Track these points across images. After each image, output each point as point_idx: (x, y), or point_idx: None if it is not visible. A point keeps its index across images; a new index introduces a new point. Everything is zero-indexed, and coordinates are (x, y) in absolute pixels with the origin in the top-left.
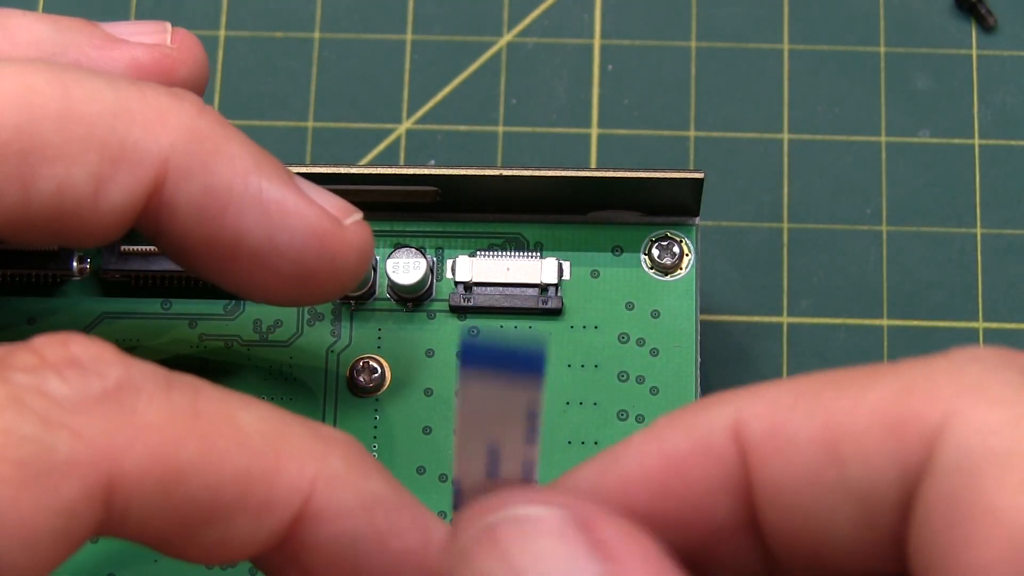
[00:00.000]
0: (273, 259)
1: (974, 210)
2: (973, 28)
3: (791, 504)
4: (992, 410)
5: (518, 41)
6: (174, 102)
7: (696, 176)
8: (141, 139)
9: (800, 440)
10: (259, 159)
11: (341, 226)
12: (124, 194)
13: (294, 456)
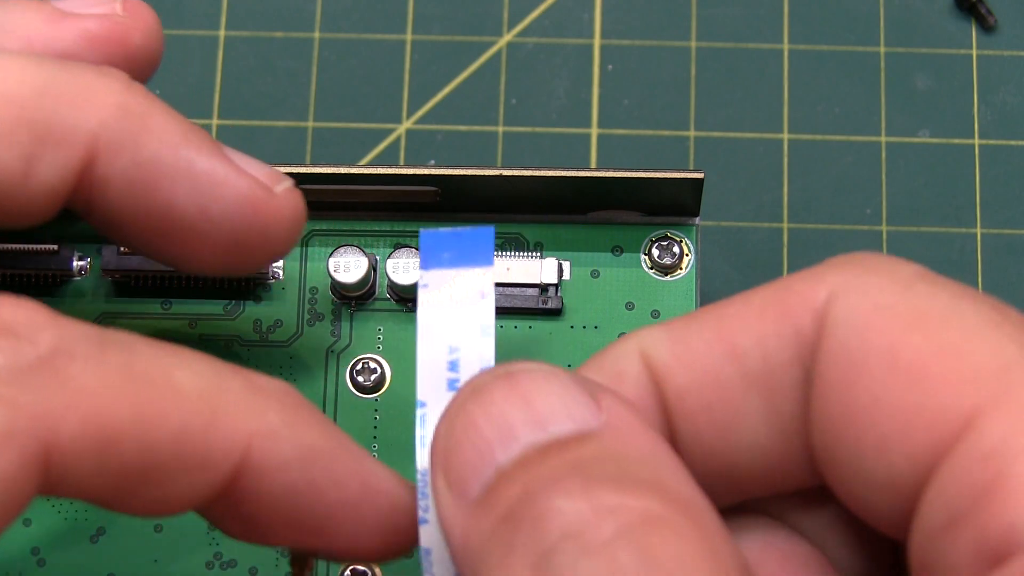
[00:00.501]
0: (206, 229)
1: (974, 210)
2: (973, 28)
3: (700, 409)
4: (874, 277)
5: (518, 41)
6: (101, 79)
7: (696, 176)
8: (69, 117)
9: (698, 346)
10: (187, 131)
11: (272, 194)
12: (54, 172)
13: (230, 412)
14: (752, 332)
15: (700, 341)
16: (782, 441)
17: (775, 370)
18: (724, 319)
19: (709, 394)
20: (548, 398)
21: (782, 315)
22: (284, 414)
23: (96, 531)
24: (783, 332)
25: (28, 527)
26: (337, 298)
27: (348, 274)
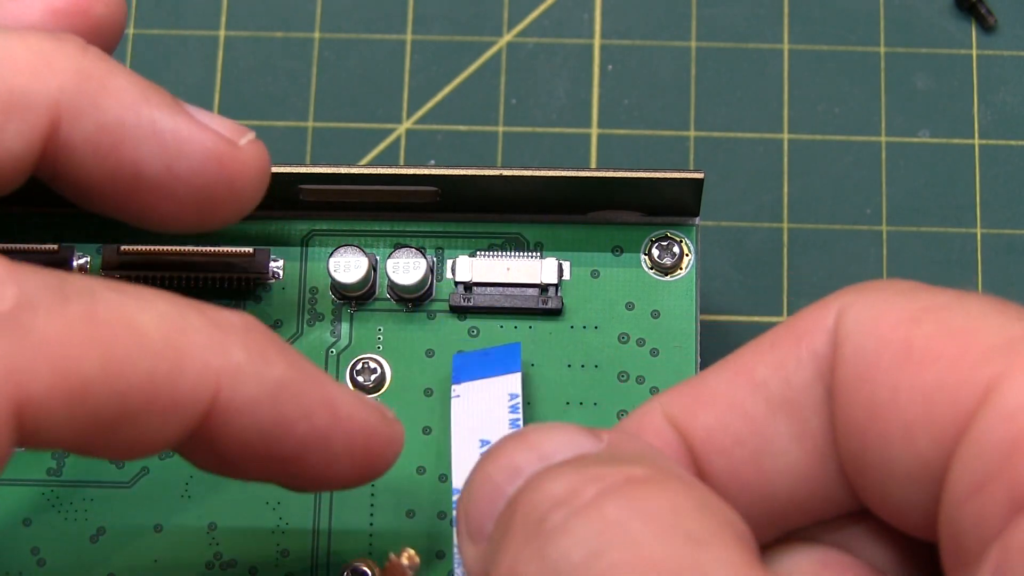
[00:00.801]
0: (173, 187)
1: (974, 210)
2: (973, 28)
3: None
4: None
5: (518, 41)
6: (56, 44)
7: (696, 176)
8: (28, 85)
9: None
10: (147, 91)
11: (237, 147)
12: (19, 141)
13: (195, 354)
14: (769, 362)
15: (719, 382)
16: (815, 462)
17: (798, 392)
18: (739, 359)
19: (737, 427)
20: (552, 440)
21: (796, 341)
22: (249, 350)
23: (96, 531)
24: (800, 355)
25: (28, 527)
26: (337, 298)
27: (348, 274)
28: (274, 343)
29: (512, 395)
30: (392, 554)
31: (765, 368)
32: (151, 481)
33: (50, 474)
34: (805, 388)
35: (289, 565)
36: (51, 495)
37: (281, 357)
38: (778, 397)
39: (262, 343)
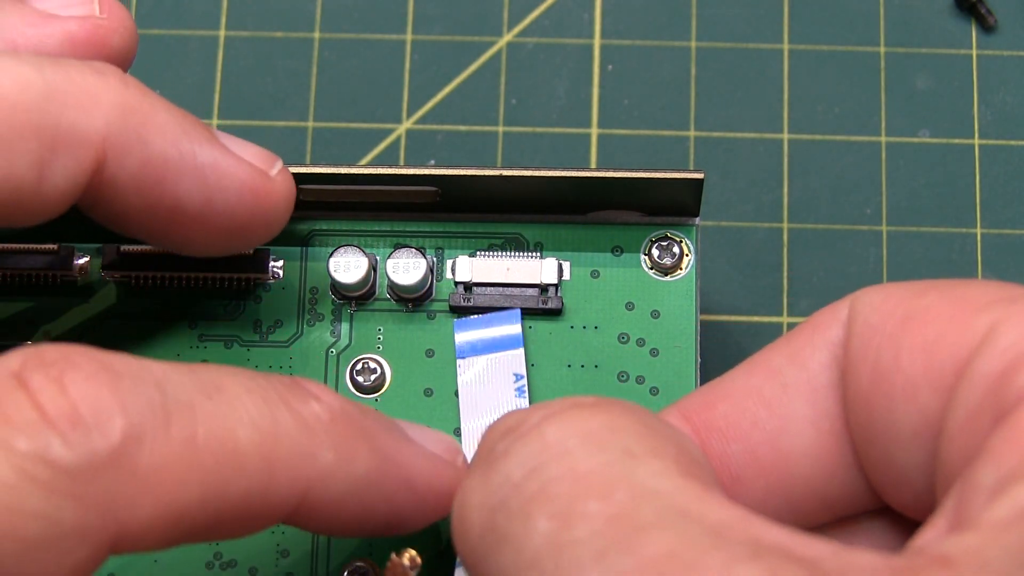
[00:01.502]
0: (210, 218)
1: (974, 210)
2: (973, 28)
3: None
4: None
5: (518, 41)
6: (100, 79)
7: (696, 176)
8: (77, 121)
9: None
10: (186, 124)
11: (269, 179)
12: (66, 177)
13: (288, 463)
14: (785, 352)
15: (736, 377)
16: (831, 444)
17: (813, 375)
18: (754, 357)
19: (754, 410)
20: None
21: (812, 332)
22: (336, 449)
23: None
24: (815, 342)
25: None
26: (337, 298)
27: (348, 274)
28: (361, 434)
29: (517, 375)
30: (393, 554)
31: (781, 358)
32: None
33: None
34: (820, 371)
35: (289, 565)
36: None
37: (366, 448)
38: (794, 380)
39: (348, 437)
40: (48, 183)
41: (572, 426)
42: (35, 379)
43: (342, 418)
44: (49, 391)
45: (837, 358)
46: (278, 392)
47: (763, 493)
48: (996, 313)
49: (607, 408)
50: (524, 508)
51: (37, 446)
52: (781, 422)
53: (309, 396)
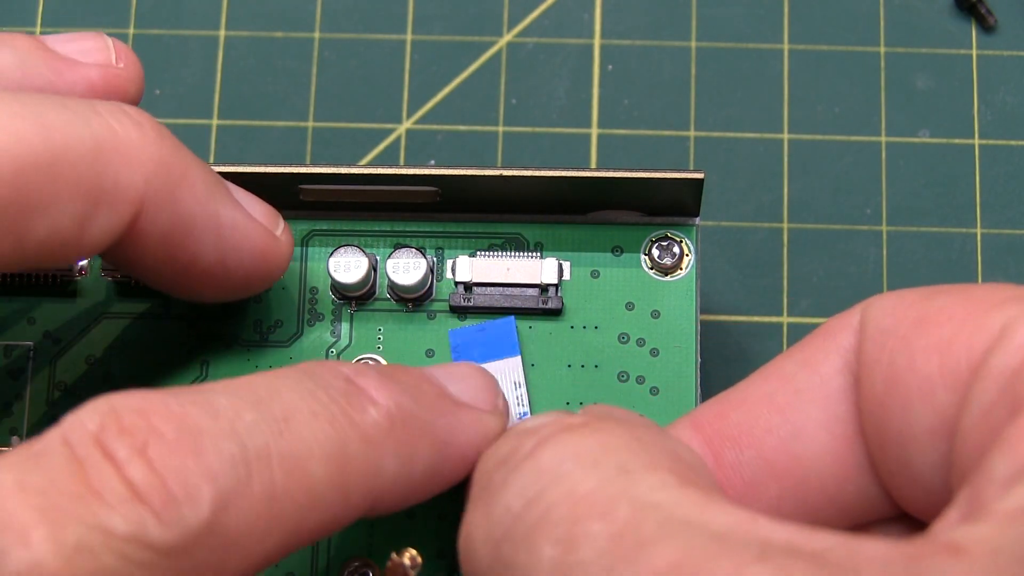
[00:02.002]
0: (221, 274)
1: (974, 210)
2: (973, 28)
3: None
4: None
5: (518, 41)
6: (140, 132)
7: (696, 176)
8: (119, 178)
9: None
10: (211, 181)
11: (276, 239)
12: (104, 231)
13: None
14: (798, 359)
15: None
16: (843, 449)
17: (826, 379)
18: (767, 365)
19: (767, 417)
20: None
21: (824, 338)
22: (398, 455)
23: None
24: (827, 348)
25: None
26: (337, 298)
27: (348, 274)
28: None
29: (517, 383)
30: (394, 553)
31: (793, 364)
32: None
33: None
34: (833, 376)
35: (289, 565)
36: None
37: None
38: (807, 386)
39: (408, 439)
40: (88, 236)
41: (565, 449)
42: (119, 449)
43: (400, 420)
44: (136, 465)
45: (849, 363)
46: (340, 408)
47: (777, 499)
48: (1009, 311)
49: (598, 426)
50: (528, 536)
51: (134, 528)
52: (794, 427)
53: (367, 402)
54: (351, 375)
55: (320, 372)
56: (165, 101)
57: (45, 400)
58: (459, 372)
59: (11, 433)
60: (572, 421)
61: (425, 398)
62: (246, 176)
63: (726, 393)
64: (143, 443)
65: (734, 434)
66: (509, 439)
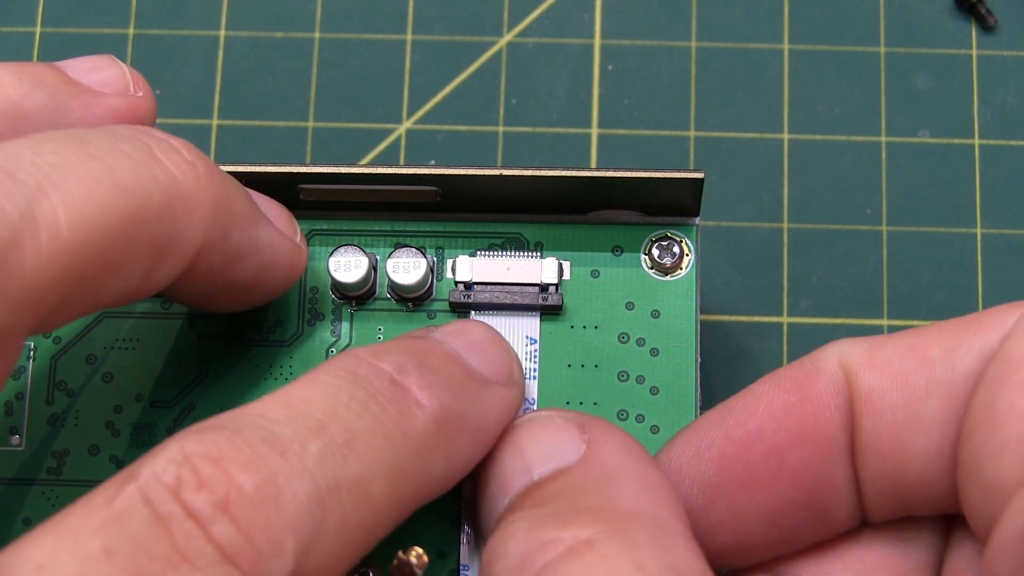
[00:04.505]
0: (255, 290)
1: (974, 210)
2: (973, 28)
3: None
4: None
5: (518, 41)
6: (195, 174)
7: (696, 176)
8: (183, 227)
9: (892, 354)
10: (251, 207)
11: (300, 249)
12: (167, 278)
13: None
14: (944, 344)
15: (894, 350)
16: (950, 452)
17: (958, 379)
18: (919, 334)
19: (894, 396)
20: (537, 444)
21: (974, 332)
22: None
23: None
24: (971, 346)
25: (28, 527)
26: (337, 298)
27: (348, 274)
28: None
29: (531, 339)
30: (400, 552)
31: (938, 349)
32: None
33: (50, 474)
34: (965, 378)
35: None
36: (51, 495)
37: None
38: (940, 379)
39: (452, 440)
40: (151, 284)
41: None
42: (202, 507)
43: (443, 419)
44: (222, 524)
45: (982, 364)
46: (393, 419)
47: (876, 474)
48: None
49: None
50: None
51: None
52: (913, 417)
53: (414, 406)
54: (395, 375)
55: (364, 375)
56: (165, 101)
57: (45, 400)
58: (477, 340)
59: (11, 433)
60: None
61: (457, 385)
62: (246, 176)
63: (874, 342)
64: (224, 499)
65: (863, 396)
66: (519, 543)
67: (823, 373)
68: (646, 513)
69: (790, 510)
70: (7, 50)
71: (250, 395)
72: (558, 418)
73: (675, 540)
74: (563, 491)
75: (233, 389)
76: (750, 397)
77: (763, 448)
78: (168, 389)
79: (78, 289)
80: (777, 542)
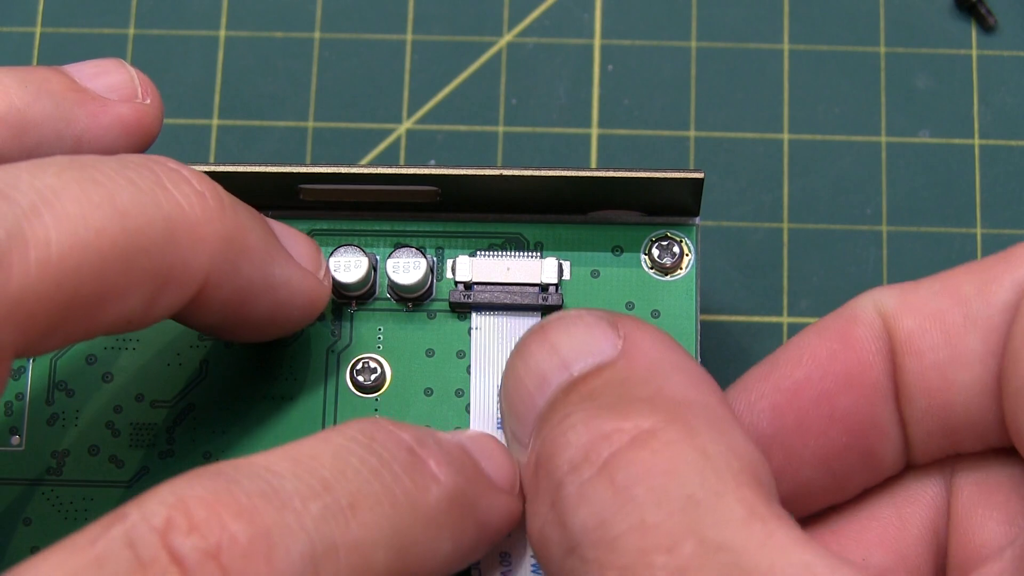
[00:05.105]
0: (271, 326)
1: (974, 210)
2: (973, 28)
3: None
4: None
5: (518, 41)
6: (204, 205)
7: (696, 176)
8: (187, 258)
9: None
10: (266, 242)
11: (322, 285)
12: (169, 308)
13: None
14: (976, 280)
15: (928, 292)
16: (994, 383)
17: (995, 312)
18: (949, 275)
19: (934, 335)
20: (572, 341)
21: (1005, 266)
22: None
23: None
24: (1004, 279)
25: (28, 527)
26: (337, 298)
27: (348, 274)
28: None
29: None
30: None
31: (971, 286)
32: (151, 480)
33: (50, 474)
34: (1002, 310)
35: None
36: (51, 495)
37: (473, 526)
38: (976, 314)
39: (461, 521)
40: (152, 313)
41: (637, 471)
42: (189, 553)
43: (456, 500)
44: (208, 573)
45: (1018, 296)
46: (404, 489)
47: (923, 413)
48: None
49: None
50: (598, 559)
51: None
52: (954, 353)
53: (430, 480)
54: (414, 446)
55: (383, 441)
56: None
57: (45, 400)
58: (487, 449)
59: (11, 433)
60: (642, 427)
61: (472, 475)
62: (246, 176)
63: (907, 287)
64: (216, 546)
65: (903, 339)
66: (580, 435)
67: (861, 319)
68: (697, 401)
69: (842, 455)
70: (7, 50)
71: (250, 395)
72: (588, 315)
73: (729, 425)
74: (610, 384)
75: (233, 389)
76: (793, 348)
77: (812, 394)
78: (168, 389)
79: (72, 312)
80: (832, 488)
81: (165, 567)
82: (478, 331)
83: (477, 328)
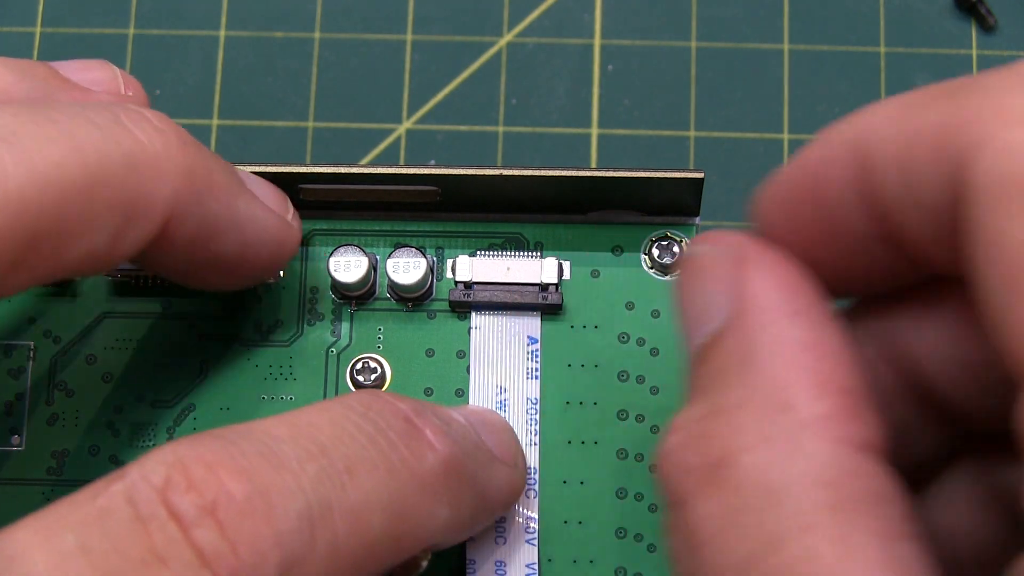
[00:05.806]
0: (240, 267)
1: None
2: (973, 28)
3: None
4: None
5: (518, 41)
6: (164, 141)
7: (696, 176)
8: (150, 191)
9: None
10: (230, 179)
11: (290, 226)
12: (136, 244)
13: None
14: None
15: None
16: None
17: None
18: None
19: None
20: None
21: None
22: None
23: None
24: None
25: None
26: (337, 298)
27: (348, 274)
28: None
29: (531, 339)
30: None
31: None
32: None
33: (50, 474)
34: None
35: None
36: (51, 495)
37: (470, 494)
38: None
39: (459, 489)
40: (119, 250)
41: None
42: (187, 509)
43: (453, 468)
44: (205, 530)
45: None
46: (400, 456)
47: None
48: None
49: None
50: None
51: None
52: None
53: (426, 447)
54: (411, 415)
55: (380, 409)
56: (165, 101)
57: (45, 400)
58: (489, 422)
59: (11, 432)
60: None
61: (471, 445)
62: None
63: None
64: (212, 503)
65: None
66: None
67: (835, 144)
68: None
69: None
70: (7, 50)
71: (250, 395)
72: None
73: None
74: None
75: (233, 389)
76: (793, 160)
77: (819, 174)
78: (168, 389)
79: (35, 248)
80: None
81: (164, 522)
82: (478, 331)
83: (477, 328)
